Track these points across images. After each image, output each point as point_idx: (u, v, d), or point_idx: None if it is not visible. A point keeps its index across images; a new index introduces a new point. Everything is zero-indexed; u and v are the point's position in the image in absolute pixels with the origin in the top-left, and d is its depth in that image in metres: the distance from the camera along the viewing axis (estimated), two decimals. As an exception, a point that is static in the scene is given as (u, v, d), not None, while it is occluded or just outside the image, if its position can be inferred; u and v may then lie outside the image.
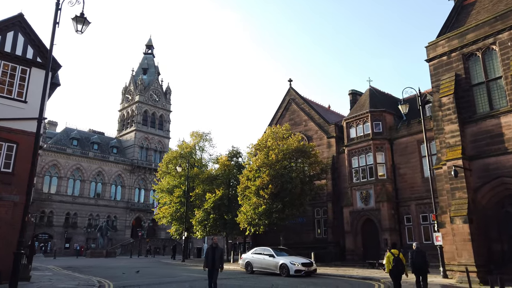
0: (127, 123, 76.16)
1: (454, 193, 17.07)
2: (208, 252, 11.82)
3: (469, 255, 15.79)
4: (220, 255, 11.75)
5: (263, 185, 26.41)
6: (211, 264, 11.60)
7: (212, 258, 11.62)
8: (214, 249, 11.84)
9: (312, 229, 34.26)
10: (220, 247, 12.26)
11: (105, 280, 16.65)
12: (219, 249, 11.98)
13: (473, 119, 17.55)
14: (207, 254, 11.79)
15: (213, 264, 11.60)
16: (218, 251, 11.80)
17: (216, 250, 11.82)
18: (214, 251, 11.73)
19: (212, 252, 11.72)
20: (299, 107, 38.02)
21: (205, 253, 12.11)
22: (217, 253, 11.73)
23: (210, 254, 11.69)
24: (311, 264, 19.57)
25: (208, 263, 11.70)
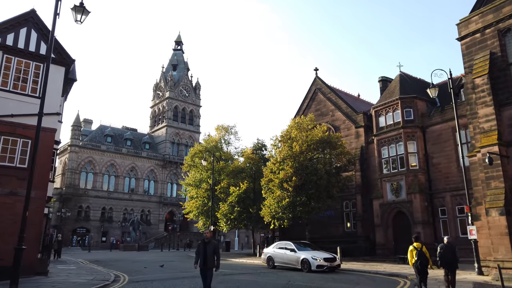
0: (158, 119, 77.47)
1: (489, 182, 15.57)
2: (199, 248, 10.20)
3: (506, 250, 14.34)
4: (213, 251, 10.05)
5: (286, 177, 25.63)
6: (203, 262, 9.96)
7: (203, 256, 9.97)
8: (206, 244, 10.11)
9: (340, 222, 33.09)
10: (214, 242, 10.41)
11: (123, 274, 16.63)
12: (212, 244, 10.22)
13: (510, 101, 15.87)
14: (198, 251, 10.22)
15: (205, 262, 9.94)
16: (210, 247, 10.08)
17: (208, 245, 10.09)
18: (206, 247, 10.03)
19: (204, 248, 10.04)
20: (325, 96, 36.73)
21: (196, 249, 10.42)
22: (209, 249, 10.02)
23: (202, 251, 10.03)
24: (334, 259, 18.65)
25: (200, 261, 10.08)
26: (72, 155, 60.22)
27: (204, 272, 9.97)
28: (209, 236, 10.31)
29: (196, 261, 10.21)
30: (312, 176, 25.66)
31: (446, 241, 12.74)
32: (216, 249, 10.19)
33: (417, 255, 11.72)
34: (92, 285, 12.62)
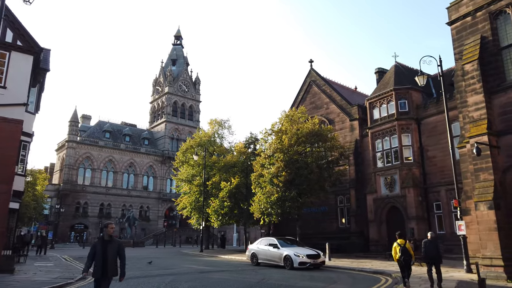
0: (157, 114, 76.99)
1: (478, 174, 14.63)
2: (94, 249, 7.25)
3: (495, 247, 13.42)
4: (115, 254, 7.27)
5: (277, 172, 24.82)
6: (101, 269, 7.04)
7: (102, 259, 7.06)
8: (107, 244, 7.27)
9: (335, 218, 32.27)
10: (118, 241, 7.67)
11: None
12: (115, 243, 7.41)
13: (502, 88, 14.89)
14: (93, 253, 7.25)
15: (104, 269, 7.04)
16: (112, 248, 7.26)
17: (109, 245, 7.25)
18: (106, 248, 7.20)
19: (102, 249, 7.16)
20: (320, 89, 35.79)
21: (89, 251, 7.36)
22: (110, 250, 7.20)
23: (100, 253, 7.12)
24: (318, 256, 17.85)
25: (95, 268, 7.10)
26: (69, 151, 59.92)
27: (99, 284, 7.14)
28: (111, 232, 7.45)
29: (87, 267, 7.26)
30: (302, 170, 24.83)
31: (430, 237, 12.80)
32: (120, 250, 7.42)
33: (400, 251, 12.11)
34: (52, 284, 11.98)
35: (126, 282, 12.78)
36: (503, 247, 13.34)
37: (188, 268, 18.10)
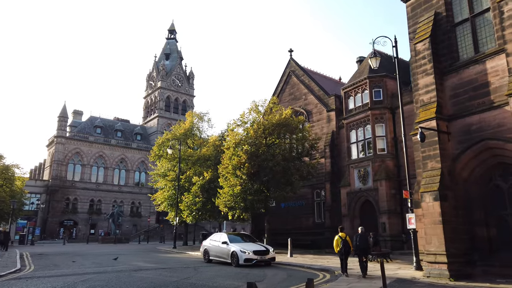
0: (151, 109, 76.30)
1: (426, 163, 13.39)
2: None
3: (439, 242, 12.20)
4: None
5: (240, 164, 23.73)
6: None
7: None
8: None
9: (311, 213, 31.11)
10: None
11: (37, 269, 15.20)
12: None
13: (454, 68, 13.58)
14: None
15: None
16: None
17: None
18: None
19: None
20: (298, 79, 34.53)
21: None
22: None
23: None
24: (267, 252, 16.78)
25: None
26: (58, 146, 59.46)
27: None
28: None
29: None
30: (267, 163, 23.67)
31: (360, 231, 14.23)
32: None
33: (342, 244, 13.75)
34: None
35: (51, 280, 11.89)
36: (448, 242, 12.12)
37: (129, 265, 17.12)
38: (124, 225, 64.56)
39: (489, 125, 12.23)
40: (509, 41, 11.52)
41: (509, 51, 11.46)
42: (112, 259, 20.33)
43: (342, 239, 13.74)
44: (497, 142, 11.98)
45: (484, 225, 12.50)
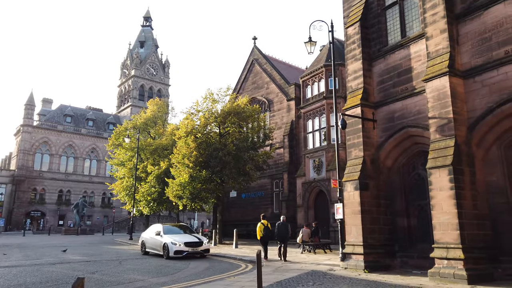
0: (124, 98, 74.71)
1: (350, 151, 12.96)
2: None
3: (358, 232, 11.82)
4: None
5: (188, 153, 23.05)
6: None
7: None
8: None
9: (270, 203, 30.74)
10: None
11: None
12: None
13: (382, 53, 13.11)
14: None
15: None
16: None
17: None
18: None
19: None
20: (261, 67, 33.84)
21: None
22: None
23: None
24: (200, 244, 16.24)
25: None
26: (24, 135, 57.68)
27: None
28: None
29: None
30: (218, 152, 23.04)
31: (282, 220, 15.43)
32: None
33: (264, 231, 14.96)
34: None
35: None
36: (366, 233, 11.75)
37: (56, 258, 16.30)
38: (95, 216, 63.50)
39: (410, 112, 11.82)
40: (429, 24, 11.04)
41: (429, 35, 10.99)
42: (61, 251, 19.62)
43: (265, 226, 15.02)
44: (417, 129, 11.58)
45: (405, 215, 12.16)
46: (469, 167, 9.84)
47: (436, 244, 9.64)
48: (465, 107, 10.26)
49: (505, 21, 9.71)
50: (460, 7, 10.81)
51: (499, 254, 9.49)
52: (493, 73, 9.77)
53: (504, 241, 9.52)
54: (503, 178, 9.71)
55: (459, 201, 9.34)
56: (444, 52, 10.46)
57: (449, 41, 10.44)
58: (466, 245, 9.13)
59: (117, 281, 9.94)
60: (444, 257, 9.32)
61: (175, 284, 9.40)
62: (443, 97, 10.16)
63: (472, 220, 9.49)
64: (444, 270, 9.22)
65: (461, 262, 8.96)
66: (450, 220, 9.35)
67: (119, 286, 9.25)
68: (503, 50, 9.65)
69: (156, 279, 10.36)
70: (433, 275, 9.41)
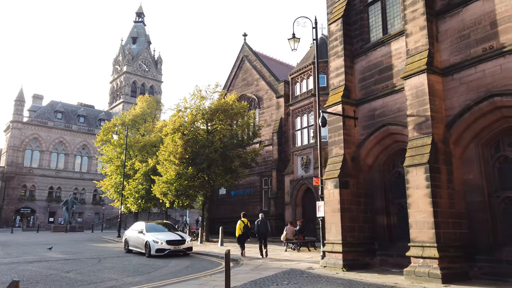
0: (116, 95, 74.21)
1: (331, 149, 12.86)
2: None
3: (337, 230, 11.74)
4: None
5: (175, 150, 22.86)
6: None
7: None
8: None
9: (259, 200, 30.66)
10: None
11: None
12: None
13: (363, 50, 12.99)
14: None
15: None
16: None
17: None
18: None
19: None
20: (251, 64, 33.66)
21: None
22: None
23: None
24: (182, 242, 16.10)
25: None
26: (14, 131, 57.09)
27: None
28: None
29: None
30: (204, 149, 22.87)
31: (261, 217, 15.87)
32: None
33: (244, 229, 15.25)
34: None
35: None
36: (346, 231, 11.67)
37: (37, 256, 16.07)
38: (86, 213, 63.15)
39: (390, 110, 11.73)
40: (409, 20, 10.93)
41: (409, 32, 10.88)
42: (47, 248, 19.39)
43: (245, 224, 15.36)
44: (397, 127, 11.49)
45: (385, 213, 12.09)
46: (446, 165, 9.77)
47: (412, 242, 9.58)
48: (444, 105, 10.19)
49: (483, 19, 9.62)
50: (440, 4, 10.71)
51: (475, 253, 9.45)
52: (471, 70, 9.69)
53: (480, 240, 9.48)
54: (479, 177, 9.65)
55: (435, 199, 9.27)
56: (423, 50, 10.36)
57: (428, 38, 10.34)
58: (442, 244, 9.07)
59: (90, 281, 9.77)
60: (420, 256, 9.25)
61: (149, 284, 9.26)
62: (421, 94, 10.07)
63: (448, 218, 9.43)
64: (419, 269, 9.16)
65: (436, 261, 8.90)
66: (426, 218, 9.28)
67: (89, 286, 9.08)
68: (481, 47, 9.57)
69: (131, 278, 10.21)
70: (409, 274, 9.35)
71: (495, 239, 9.30)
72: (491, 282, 8.68)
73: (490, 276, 8.98)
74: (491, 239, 9.31)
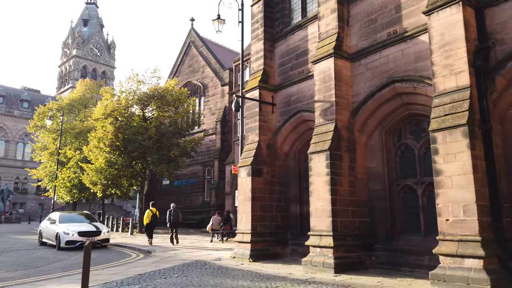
0: (65, 80, 70.34)
1: (247, 136, 12.38)
2: None
3: (247, 220, 11.32)
4: None
5: (105, 136, 21.61)
6: None
7: None
8: None
9: (201, 191, 29.94)
10: None
11: None
12: None
13: (283, 34, 12.53)
14: None
15: None
16: None
17: None
18: None
19: None
20: (198, 50, 32.61)
21: None
22: None
23: None
24: (97, 233, 15.13)
25: None
26: None
27: None
28: None
29: None
30: (138, 136, 21.77)
31: (172, 207, 16.39)
32: None
33: (152, 217, 15.78)
34: None
35: None
36: (256, 220, 11.28)
37: None
38: (29, 203, 59.79)
39: (304, 96, 11.36)
40: (322, 3, 10.53)
41: (321, 15, 10.50)
42: None
43: (153, 213, 15.88)
44: (309, 114, 11.14)
45: (298, 202, 11.79)
46: (349, 152, 9.52)
47: (311, 231, 9.29)
48: (351, 91, 9.92)
49: (389, 2, 9.37)
50: (352, -13, 10.37)
51: (374, 242, 9.30)
52: (376, 56, 9.44)
53: (380, 228, 9.34)
54: (381, 164, 9.48)
55: (334, 187, 8.99)
56: (333, 33, 10.02)
57: (338, 21, 10.00)
58: (338, 232, 8.82)
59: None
60: (317, 245, 8.97)
61: (20, 280, 8.33)
62: (328, 79, 9.73)
63: (348, 207, 9.20)
64: (316, 258, 8.88)
65: (331, 250, 8.63)
66: (325, 206, 8.99)
67: (-51, 281, 8.05)
68: (386, 32, 9.32)
69: (9, 274, 9.23)
70: (306, 264, 9.07)
71: (393, 227, 9.18)
72: (383, 271, 8.54)
73: (386, 265, 8.85)
74: (390, 227, 9.19)
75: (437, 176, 6.94)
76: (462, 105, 6.84)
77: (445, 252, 6.60)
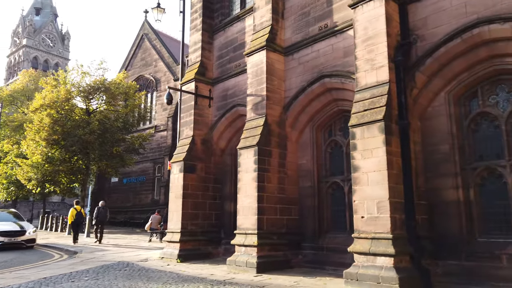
0: (13, 70, 66.17)
1: (183, 130, 11.90)
2: None
3: (177, 218, 10.80)
4: None
5: (41, 128, 20.24)
6: None
7: None
8: None
9: (151, 189, 28.94)
10: None
11: None
12: None
13: (222, 25, 12.11)
14: None
15: None
16: None
17: None
18: None
19: None
20: (151, 43, 31.51)
21: None
22: None
23: None
24: (21, 233, 14.04)
25: None
26: None
27: None
28: None
29: None
30: (77, 130, 20.57)
31: (101, 205, 16.37)
32: None
33: (76, 215, 15.57)
34: None
35: None
36: (187, 219, 10.79)
37: None
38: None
39: (240, 90, 10.98)
40: (258, -6, 10.19)
41: (256, 6, 10.17)
42: None
43: (77, 211, 15.65)
44: (245, 108, 10.67)
45: (232, 200, 11.37)
46: (280, 148, 9.24)
47: (238, 230, 8.93)
48: (284, 85, 9.64)
49: (322, -5, 9.17)
50: (287, -22, 10.11)
51: (302, 240, 9.08)
52: (308, 50, 9.22)
53: (309, 226, 9.12)
54: (312, 161, 9.27)
55: (262, 184, 8.67)
56: (267, 25, 9.71)
57: (272, 13, 9.70)
58: (264, 230, 8.51)
59: None
60: (242, 244, 8.62)
61: None
62: (260, 73, 9.40)
63: (276, 204, 8.91)
64: (240, 258, 8.52)
65: (255, 249, 8.30)
66: (251, 204, 8.65)
67: None
68: (318, 26, 9.12)
69: None
70: (230, 264, 8.68)
71: (320, 225, 9.00)
72: (307, 270, 8.32)
73: (312, 264, 8.64)
74: (317, 225, 8.99)
75: (355, 172, 6.77)
76: (380, 101, 6.70)
77: (358, 250, 6.44)
